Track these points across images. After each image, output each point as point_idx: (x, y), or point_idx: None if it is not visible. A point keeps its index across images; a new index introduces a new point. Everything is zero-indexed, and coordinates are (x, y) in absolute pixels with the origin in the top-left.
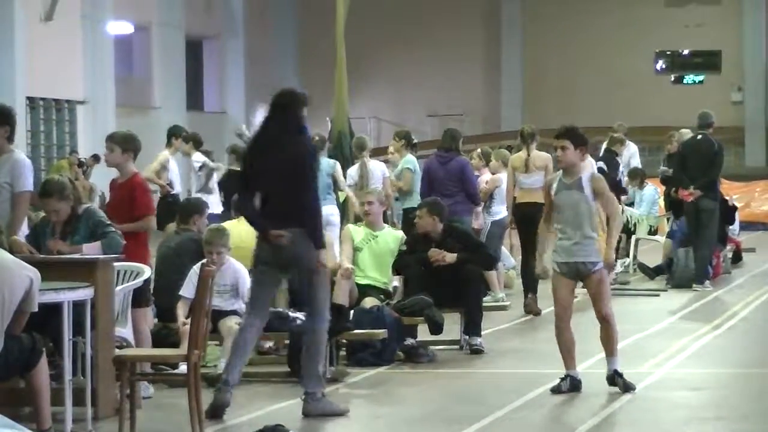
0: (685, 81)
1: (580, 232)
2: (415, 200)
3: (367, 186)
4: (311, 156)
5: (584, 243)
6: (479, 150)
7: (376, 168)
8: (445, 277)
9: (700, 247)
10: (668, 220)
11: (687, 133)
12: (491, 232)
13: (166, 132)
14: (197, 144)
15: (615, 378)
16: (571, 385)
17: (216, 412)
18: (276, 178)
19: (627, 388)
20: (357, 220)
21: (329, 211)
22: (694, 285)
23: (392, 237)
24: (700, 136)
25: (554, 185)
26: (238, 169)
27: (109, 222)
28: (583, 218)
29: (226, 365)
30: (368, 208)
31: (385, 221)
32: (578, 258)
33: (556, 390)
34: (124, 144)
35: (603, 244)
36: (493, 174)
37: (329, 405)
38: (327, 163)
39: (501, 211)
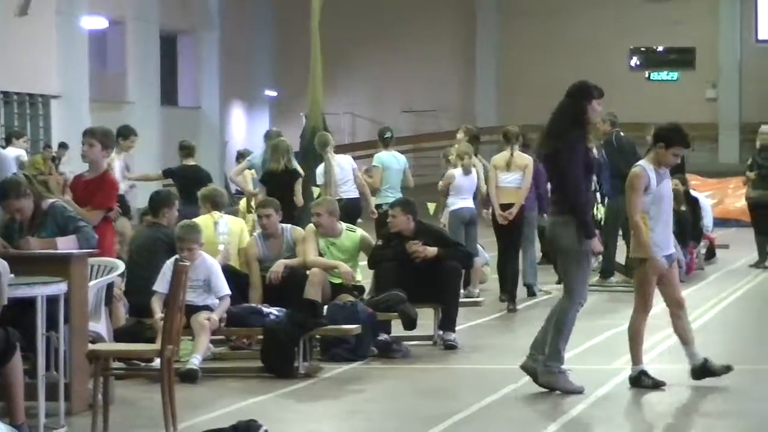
0: (659, 78)
1: (671, 221)
2: (384, 196)
3: (332, 182)
4: (568, 149)
5: (671, 233)
6: (456, 146)
7: (344, 162)
8: (421, 273)
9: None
10: None
11: None
12: (450, 223)
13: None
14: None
15: (707, 365)
16: (654, 382)
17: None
18: (548, 167)
19: (727, 369)
20: None
21: None
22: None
23: (350, 241)
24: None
25: (652, 175)
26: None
27: (80, 217)
28: (671, 208)
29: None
30: (317, 219)
31: (357, 216)
32: (671, 250)
33: (656, 384)
34: (105, 140)
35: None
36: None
37: (564, 381)
38: None
39: (456, 202)
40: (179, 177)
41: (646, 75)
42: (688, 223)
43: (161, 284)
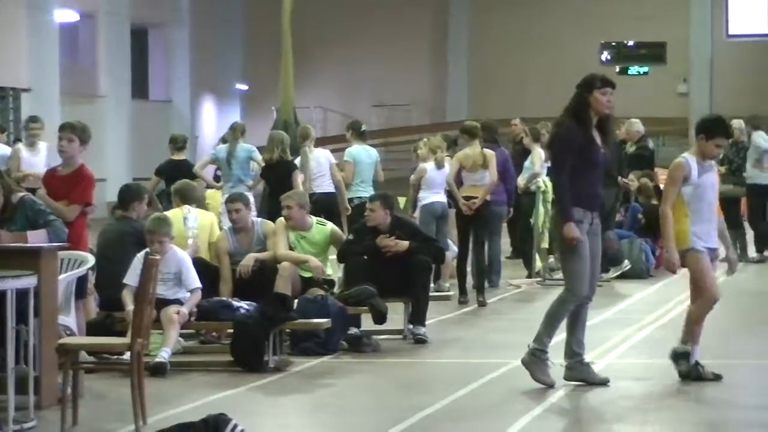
0: (630, 72)
1: (715, 215)
2: (355, 190)
3: (307, 176)
4: (560, 139)
5: (715, 227)
6: (425, 140)
7: (322, 156)
8: (392, 267)
9: None
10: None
11: (636, 123)
12: (421, 217)
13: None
14: None
15: (697, 369)
16: (687, 371)
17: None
18: None
19: (716, 377)
20: None
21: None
22: None
23: (320, 234)
24: None
25: (693, 166)
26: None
27: (50, 211)
28: (715, 201)
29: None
30: (287, 213)
31: (330, 211)
32: (715, 244)
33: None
34: (84, 135)
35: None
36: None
37: (538, 371)
38: (243, 149)
39: (428, 196)
40: (166, 173)
41: (617, 69)
42: (657, 218)
43: (132, 277)
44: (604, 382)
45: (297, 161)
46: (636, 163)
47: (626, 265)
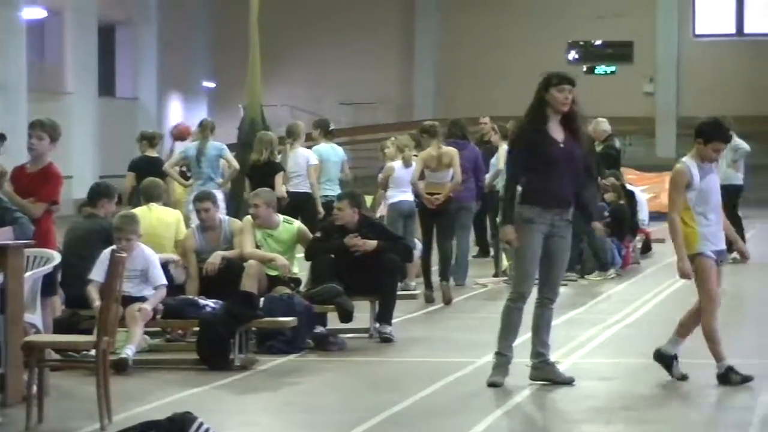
0: (597, 71)
1: (720, 216)
2: (322, 188)
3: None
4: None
5: (721, 228)
6: (392, 138)
7: (301, 156)
8: (358, 265)
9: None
10: None
11: (603, 122)
12: (389, 216)
13: None
14: None
15: (674, 361)
16: (743, 377)
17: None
18: None
19: (683, 377)
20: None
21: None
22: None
23: (287, 233)
24: None
25: (694, 171)
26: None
27: (15, 208)
28: (720, 202)
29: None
30: (254, 211)
31: (306, 208)
32: (722, 245)
33: (744, 379)
34: (54, 133)
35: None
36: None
37: (494, 372)
38: (213, 146)
39: (396, 195)
40: (138, 170)
41: (585, 69)
42: (625, 217)
43: (97, 273)
44: (569, 382)
45: (278, 158)
46: (603, 163)
47: (611, 274)
